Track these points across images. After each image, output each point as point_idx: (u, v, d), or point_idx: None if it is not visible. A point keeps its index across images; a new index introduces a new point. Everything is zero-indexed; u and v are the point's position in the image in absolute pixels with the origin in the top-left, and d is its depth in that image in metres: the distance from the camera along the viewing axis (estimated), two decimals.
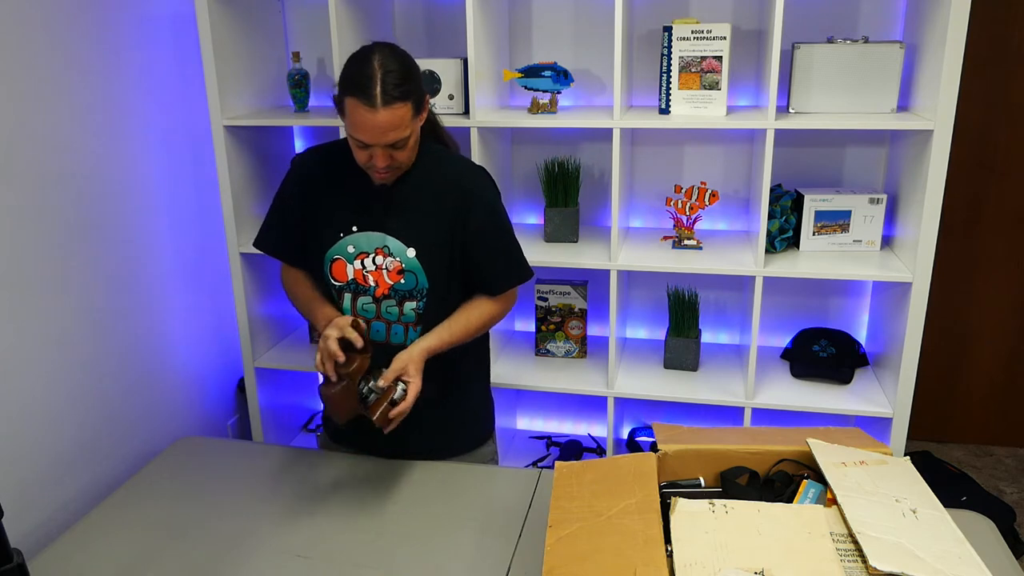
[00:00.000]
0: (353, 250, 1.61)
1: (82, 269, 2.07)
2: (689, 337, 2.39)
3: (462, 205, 1.59)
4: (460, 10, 2.32)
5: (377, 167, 1.50)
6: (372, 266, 1.60)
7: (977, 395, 3.14)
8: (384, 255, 1.60)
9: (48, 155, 1.95)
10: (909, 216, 2.11)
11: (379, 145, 1.47)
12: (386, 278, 1.60)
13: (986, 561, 1.12)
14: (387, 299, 1.62)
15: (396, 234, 1.59)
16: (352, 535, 1.49)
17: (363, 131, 1.45)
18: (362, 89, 1.42)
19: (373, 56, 1.45)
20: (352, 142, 1.50)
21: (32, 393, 1.93)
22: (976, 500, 2.53)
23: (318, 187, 1.64)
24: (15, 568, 1.05)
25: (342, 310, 1.65)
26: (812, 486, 1.30)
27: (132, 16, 2.21)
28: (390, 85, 1.43)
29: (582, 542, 1.19)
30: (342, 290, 1.64)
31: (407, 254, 1.59)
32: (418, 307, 1.62)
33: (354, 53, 1.49)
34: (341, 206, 1.62)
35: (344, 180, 1.62)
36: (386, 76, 1.43)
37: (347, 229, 1.61)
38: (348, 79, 1.45)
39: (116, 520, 1.56)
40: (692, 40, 2.10)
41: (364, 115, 1.43)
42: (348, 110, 1.45)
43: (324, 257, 1.63)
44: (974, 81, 2.74)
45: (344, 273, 1.62)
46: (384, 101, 1.42)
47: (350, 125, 1.46)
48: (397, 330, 1.64)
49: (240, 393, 2.78)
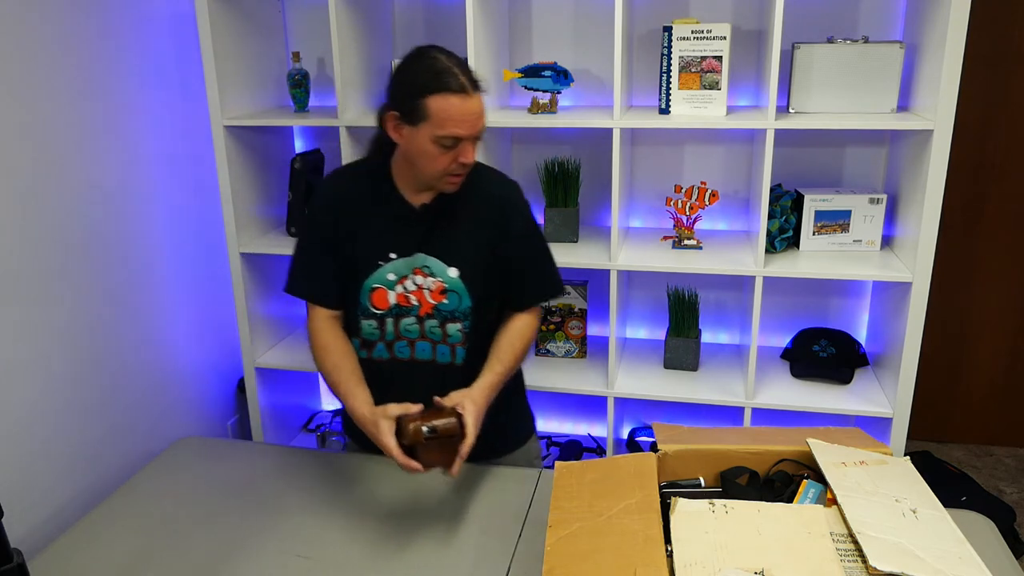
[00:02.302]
0: (393, 277, 1.55)
1: (82, 269, 2.07)
2: (689, 337, 2.39)
3: (500, 219, 1.56)
4: (460, 10, 2.32)
5: (466, 163, 1.45)
6: (413, 287, 1.56)
7: (977, 395, 3.14)
8: (424, 275, 1.55)
9: (48, 155, 1.95)
10: (909, 216, 2.11)
11: (472, 137, 1.42)
12: (428, 298, 1.56)
13: (986, 561, 1.12)
14: (430, 319, 1.57)
15: (437, 254, 1.54)
16: (352, 535, 1.49)
17: (460, 123, 1.39)
18: (449, 81, 1.38)
19: (433, 54, 1.42)
20: (434, 149, 1.42)
21: (32, 393, 1.93)
22: (976, 500, 2.52)
23: (349, 216, 1.57)
24: (15, 568, 1.05)
25: (384, 335, 1.58)
26: (812, 486, 1.30)
27: (132, 16, 2.21)
28: (470, 72, 1.41)
29: (582, 542, 1.18)
30: (382, 318, 1.58)
31: (448, 274, 1.55)
32: (463, 327, 1.58)
33: (407, 60, 1.44)
34: (376, 233, 1.56)
35: (375, 206, 1.56)
36: (461, 65, 1.41)
37: (385, 257, 1.55)
38: (424, 79, 1.39)
39: (116, 520, 1.56)
40: (692, 40, 2.10)
41: (460, 105, 1.38)
42: (435, 108, 1.38)
43: (362, 287, 1.56)
44: (974, 81, 2.74)
45: (385, 300, 1.56)
46: (473, 87, 1.40)
47: (441, 123, 1.39)
48: (443, 350, 1.60)
49: (240, 393, 2.78)
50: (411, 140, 1.44)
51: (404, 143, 1.46)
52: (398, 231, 1.55)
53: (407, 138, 1.44)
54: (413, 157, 1.46)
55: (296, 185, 2.46)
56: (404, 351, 1.61)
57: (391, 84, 1.47)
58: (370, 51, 2.37)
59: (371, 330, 1.60)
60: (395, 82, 1.46)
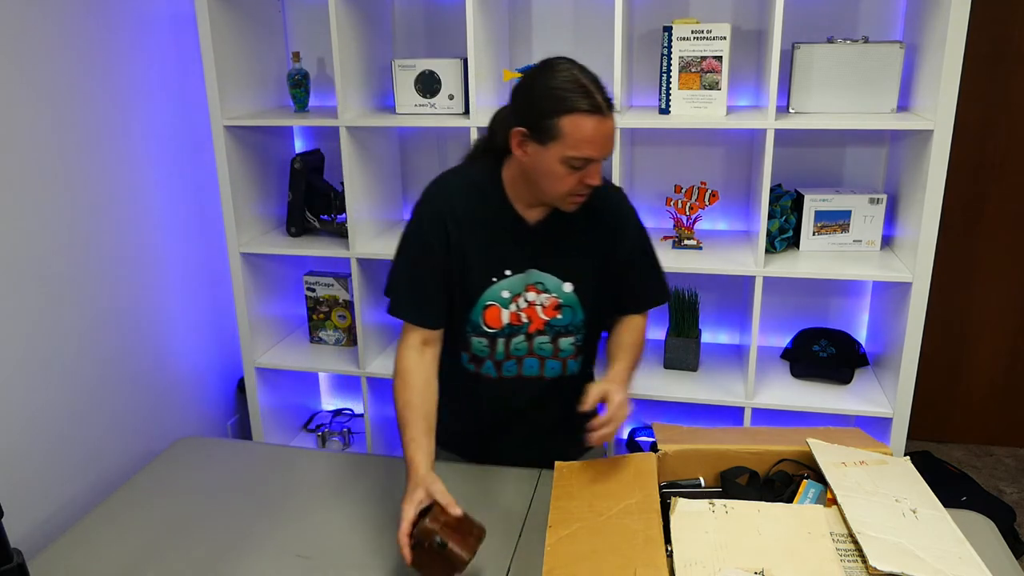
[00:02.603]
0: (507, 295, 1.50)
1: (82, 269, 2.07)
2: (689, 337, 2.39)
3: (612, 230, 1.52)
4: (460, 10, 2.32)
5: (594, 184, 1.38)
6: (525, 304, 1.51)
7: (977, 395, 3.13)
8: (537, 291, 1.50)
9: (48, 156, 1.95)
10: (909, 216, 2.11)
11: (604, 158, 1.35)
12: (540, 314, 1.51)
13: (986, 561, 1.12)
14: (540, 335, 1.53)
15: (551, 270, 1.50)
16: (352, 535, 1.49)
17: (594, 145, 1.32)
18: (585, 101, 1.30)
19: (569, 68, 1.33)
20: (561, 169, 1.34)
21: (32, 393, 1.93)
22: (976, 500, 2.52)
23: (461, 230, 1.47)
24: (15, 568, 1.05)
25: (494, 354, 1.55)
26: (812, 486, 1.30)
27: (132, 16, 2.21)
28: (604, 91, 1.33)
29: (582, 542, 1.19)
30: (494, 336, 1.53)
31: (563, 289, 1.51)
32: (576, 340, 1.56)
33: (539, 75, 1.35)
34: (489, 249, 1.48)
35: (487, 220, 1.48)
36: (596, 82, 1.33)
37: (499, 273, 1.49)
38: (558, 96, 1.31)
39: (116, 520, 1.56)
40: (692, 40, 2.10)
41: (596, 126, 1.31)
42: (569, 128, 1.30)
43: (476, 304, 1.50)
44: (974, 81, 2.74)
45: (499, 319, 1.51)
46: (609, 107, 1.32)
47: (575, 144, 1.31)
48: (553, 365, 1.57)
49: (240, 393, 2.78)
50: (537, 158, 1.36)
51: (528, 161, 1.38)
52: (512, 247, 1.48)
53: (532, 156, 1.36)
54: (537, 176, 1.38)
55: (296, 185, 2.46)
56: (512, 369, 1.57)
57: (519, 98, 1.38)
58: (370, 51, 2.37)
59: (481, 347, 1.55)
60: (525, 97, 1.36)
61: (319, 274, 2.62)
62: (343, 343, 2.64)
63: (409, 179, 2.69)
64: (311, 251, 2.40)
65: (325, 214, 2.51)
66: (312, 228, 2.54)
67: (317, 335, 2.67)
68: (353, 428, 2.81)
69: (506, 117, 1.43)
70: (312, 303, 2.63)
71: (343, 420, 2.87)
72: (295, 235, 2.51)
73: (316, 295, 2.62)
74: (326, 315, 2.63)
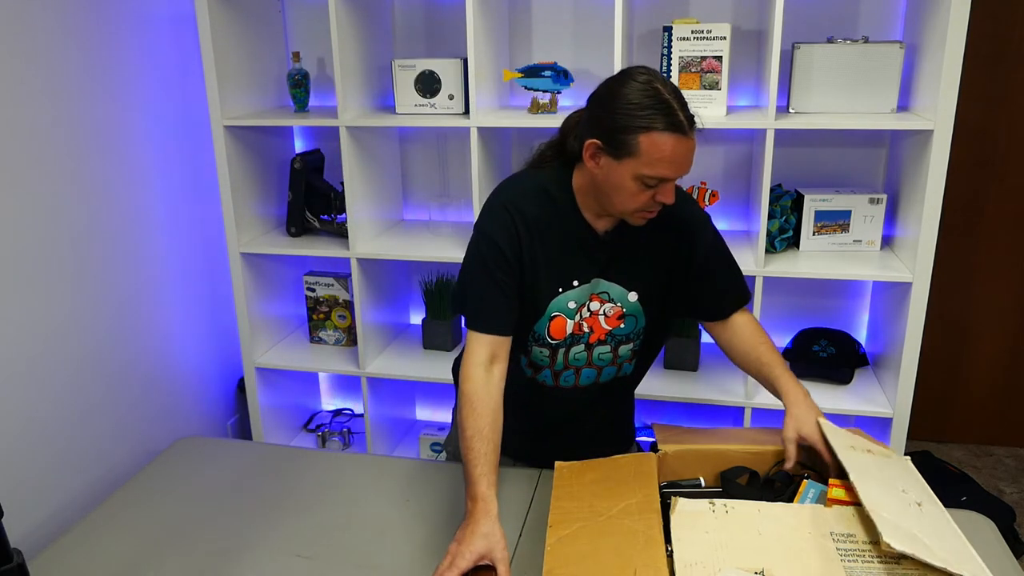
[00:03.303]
0: (574, 305, 1.47)
1: (82, 269, 2.07)
2: (689, 337, 2.39)
3: (685, 234, 1.48)
4: (460, 10, 2.32)
5: (668, 203, 1.34)
6: (588, 313, 1.48)
7: (977, 395, 3.13)
8: (602, 301, 1.48)
9: (48, 155, 1.95)
10: (909, 216, 2.11)
11: (680, 177, 1.31)
12: (603, 324, 1.49)
13: (986, 561, 1.12)
14: (601, 345, 1.51)
15: (618, 280, 1.47)
16: (352, 535, 1.49)
17: (672, 165, 1.28)
18: (668, 118, 1.25)
19: (649, 79, 1.29)
20: (634, 186, 1.30)
21: (32, 393, 1.93)
22: (976, 500, 2.52)
23: (533, 238, 1.43)
24: (15, 568, 1.05)
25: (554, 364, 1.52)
26: (812, 486, 1.30)
27: (132, 16, 2.21)
28: (687, 107, 1.28)
29: (582, 542, 1.19)
30: (556, 347, 1.51)
31: (628, 298, 1.48)
32: (635, 346, 1.55)
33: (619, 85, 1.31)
34: (559, 258, 1.44)
35: (558, 229, 1.44)
36: (679, 98, 1.28)
37: (567, 284, 1.45)
38: (640, 112, 1.26)
39: (116, 520, 1.56)
40: (692, 40, 2.10)
41: (676, 146, 1.26)
42: (647, 147, 1.26)
43: (543, 315, 1.47)
44: (974, 81, 2.74)
45: (563, 330, 1.48)
46: (691, 125, 1.28)
47: (652, 163, 1.27)
48: (609, 371, 1.56)
49: (240, 393, 2.78)
50: (610, 172, 1.32)
51: (600, 173, 1.34)
52: (580, 257, 1.45)
53: (605, 169, 1.33)
54: (608, 189, 1.34)
55: (296, 185, 2.46)
56: (569, 379, 1.56)
57: (595, 108, 1.35)
58: (370, 51, 2.37)
59: (542, 357, 1.53)
60: (602, 107, 1.32)
61: (319, 274, 2.62)
62: (343, 343, 2.64)
63: (409, 179, 2.69)
64: (311, 251, 2.40)
65: (325, 214, 2.51)
66: (312, 228, 2.54)
67: (317, 335, 2.67)
68: (353, 428, 2.81)
69: (579, 124, 1.40)
70: (312, 303, 2.63)
71: (343, 420, 2.87)
72: (295, 235, 2.51)
73: (316, 295, 2.62)
74: (326, 315, 2.63)
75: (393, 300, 2.66)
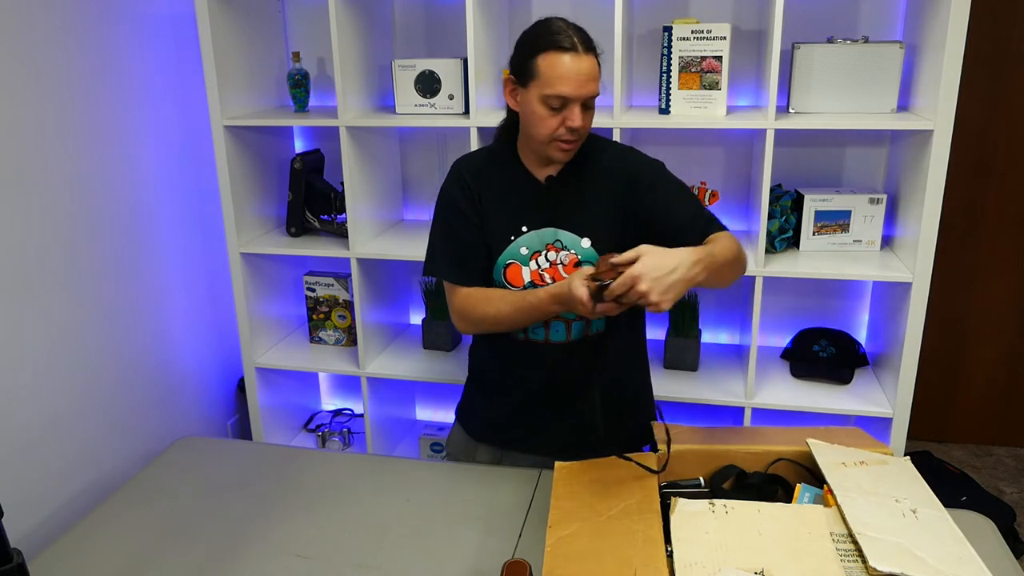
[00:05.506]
0: (526, 252, 1.55)
1: (82, 269, 2.07)
2: (689, 337, 2.39)
3: (626, 177, 1.54)
4: (460, 10, 2.32)
5: (574, 126, 1.42)
6: (546, 263, 1.54)
7: (977, 395, 3.14)
8: (556, 250, 1.54)
9: (48, 155, 1.95)
10: (909, 216, 2.11)
11: (580, 98, 1.41)
12: (562, 272, 1.54)
13: (986, 561, 1.12)
14: None
15: (567, 226, 1.53)
16: (352, 535, 1.49)
17: (566, 82, 1.39)
18: (559, 39, 1.39)
19: (556, 20, 1.44)
20: (542, 110, 1.42)
21: (33, 393, 1.93)
22: (976, 500, 2.53)
23: (484, 192, 1.57)
24: (15, 568, 1.05)
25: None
26: (807, 490, 1.30)
27: (132, 16, 2.21)
28: (584, 35, 1.42)
29: (582, 542, 1.19)
30: None
31: (581, 245, 1.53)
32: None
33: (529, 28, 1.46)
34: (507, 207, 1.56)
35: (506, 180, 1.57)
36: (577, 29, 1.42)
37: (517, 231, 1.55)
38: (536, 39, 1.42)
39: (116, 520, 1.56)
40: (692, 40, 2.10)
41: (568, 63, 1.38)
42: (544, 67, 1.40)
43: (497, 263, 1.56)
44: (974, 81, 2.74)
45: (520, 277, 1.55)
46: (584, 48, 1.40)
47: (548, 81, 1.40)
48: (577, 326, 1.59)
49: (240, 393, 2.78)
50: (524, 103, 1.46)
51: (520, 109, 1.48)
52: (527, 205, 1.55)
53: (521, 103, 1.46)
54: (526, 123, 1.48)
55: (296, 185, 2.46)
56: (539, 333, 1.59)
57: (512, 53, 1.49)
58: (370, 51, 2.37)
59: None
60: (514, 49, 1.47)
61: (319, 274, 2.62)
62: (343, 343, 2.64)
63: (409, 179, 2.69)
64: (311, 251, 2.40)
65: (325, 214, 2.51)
66: (312, 228, 2.54)
67: (317, 335, 2.67)
68: (353, 428, 2.81)
69: None
70: (312, 303, 2.63)
71: (343, 420, 2.87)
72: (295, 235, 2.51)
73: (316, 295, 2.62)
74: (326, 315, 2.63)
75: (393, 300, 2.66)
